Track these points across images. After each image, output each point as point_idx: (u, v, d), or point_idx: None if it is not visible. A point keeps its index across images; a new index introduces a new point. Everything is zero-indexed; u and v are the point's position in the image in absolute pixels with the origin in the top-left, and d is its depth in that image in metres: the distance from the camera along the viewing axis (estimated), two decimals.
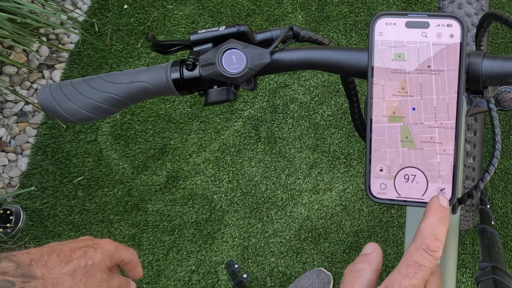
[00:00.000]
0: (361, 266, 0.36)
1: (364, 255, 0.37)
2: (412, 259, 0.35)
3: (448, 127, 0.41)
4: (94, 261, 0.51)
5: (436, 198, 0.38)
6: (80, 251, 0.50)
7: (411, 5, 1.73)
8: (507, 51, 1.65)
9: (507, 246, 1.48)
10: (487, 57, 0.44)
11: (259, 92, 1.70)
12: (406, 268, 0.34)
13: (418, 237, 0.35)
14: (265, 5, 1.80)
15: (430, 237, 0.35)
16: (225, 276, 1.55)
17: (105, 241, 0.54)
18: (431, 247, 0.35)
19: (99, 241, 0.53)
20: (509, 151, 1.56)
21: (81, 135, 1.71)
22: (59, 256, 0.48)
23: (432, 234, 0.35)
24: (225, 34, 0.50)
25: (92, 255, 0.51)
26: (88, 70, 1.78)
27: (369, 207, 1.56)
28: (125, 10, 1.84)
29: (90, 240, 0.53)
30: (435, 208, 0.37)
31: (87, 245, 0.52)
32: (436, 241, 0.35)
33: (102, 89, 0.51)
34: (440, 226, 0.36)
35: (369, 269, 0.36)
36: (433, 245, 0.35)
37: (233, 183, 1.63)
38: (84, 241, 0.53)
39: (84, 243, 0.52)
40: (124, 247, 0.56)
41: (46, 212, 1.65)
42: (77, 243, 0.52)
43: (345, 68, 0.48)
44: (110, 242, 0.54)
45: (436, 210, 0.37)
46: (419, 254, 0.35)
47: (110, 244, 0.54)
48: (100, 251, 0.52)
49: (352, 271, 0.36)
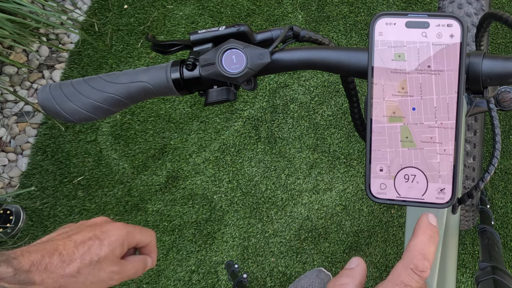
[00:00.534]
0: (344, 281, 0.36)
1: (347, 270, 0.37)
2: (399, 278, 0.34)
3: (448, 127, 0.41)
4: (99, 256, 0.48)
5: (425, 216, 0.37)
6: (84, 246, 0.47)
7: (411, 5, 1.73)
8: (507, 51, 1.65)
9: (507, 246, 1.48)
10: (487, 57, 0.44)
11: (259, 92, 1.70)
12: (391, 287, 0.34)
13: (407, 256, 0.35)
14: (265, 5, 1.80)
15: (419, 257, 0.35)
16: (225, 276, 1.55)
17: (115, 228, 0.50)
18: (419, 267, 0.34)
19: (108, 228, 0.50)
20: (509, 151, 1.56)
21: (81, 135, 1.71)
22: (61, 256, 0.46)
23: (421, 254, 0.35)
24: (225, 34, 0.50)
25: (97, 249, 0.48)
26: (88, 70, 1.78)
27: (369, 207, 1.56)
28: (125, 10, 1.84)
29: (98, 229, 0.49)
30: (425, 227, 0.36)
31: (94, 236, 0.48)
32: (424, 260, 0.34)
33: (102, 89, 0.51)
34: (430, 245, 0.35)
35: (352, 283, 0.35)
36: (421, 265, 0.34)
37: (233, 183, 1.63)
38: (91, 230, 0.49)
39: (91, 233, 0.49)
40: (140, 230, 0.53)
41: (46, 212, 1.65)
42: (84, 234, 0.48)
43: (345, 68, 0.48)
44: (120, 228, 0.50)
45: (425, 228, 0.36)
46: (407, 274, 0.34)
47: (121, 231, 0.50)
48: (107, 242, 0.48)
49: (335, 285, 0.36)
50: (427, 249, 0.35)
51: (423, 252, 0.35)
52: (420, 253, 0.35)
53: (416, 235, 0.36)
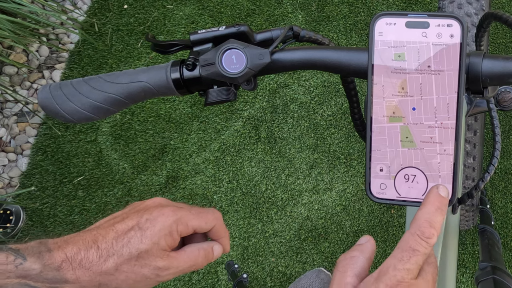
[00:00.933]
0: (355, 254, 0.38)
1: (358, 245, 0.39)
2: (407, 244, 0.36)
3: (448, 127, 0.41)
4: (139, 251, 0.41)
5: (435, 188, 0.39)
6: (124, 238, 0.41)
7: (411, 5, 1.73)
8: (507, 51, 1.65)
9: (507, 246, 1.48)
10: (487, 57, 0.44)
11: (259, 92, 1.70)
12: (400, 253, 0.35)
13: (414, 224, 0.36)
14: (265, 5, 1.80)
15: (425, 224, 0.36)
16: (225, 276, 1.55)
17: (162, 215, 0.42)
18: (425, 233, 0.35)
19: (155, 214, 0.42)
20: (509, 151, 1.56)
21: (81, 135, 1.71)
22: (98, 250, 0.40)
23: (427, 221, 0.36)
24: (225, 34, 0.50)
25: (137, 242, 0.41)
26: (88, 70, 1.77)
27: (369, 207, 1.56)
28: (125, 10, 1.84)
29: (145, 215, 0.42)
30: (433, 197, 0.38)
31: (136, 225, 0.41)
32: (430, 228, 0.36)
33: (102, 89, 0.51)
34: (436, 215, 0.37)
35: (362, 256, 0.38)
36: (427, 232, 0.36)
37: (233, 183, 1.63)
38: (137, 216, 0.42)
39: (134, 220, 0.42)
40: (197, 214, 0.44)
41: (46, 212, 1.65)
42: (127, 222, 0.42)
43: (345, 68, 0.48)
44: (168, 215, 0.42)
45: (434, 199, 0.38)
46: (414, 239, 0.35)
47: (168, 218, 0.42)
48: (149, 233, 0.41)
49: (345, 258, 0.38)
50: (433, 218, 0.36)
51: (429, 220, 0.36)
52: (426, 221, 0.36)
53: (424, 204, 0.38)
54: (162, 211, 0.43)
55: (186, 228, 0.43)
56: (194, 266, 0.44)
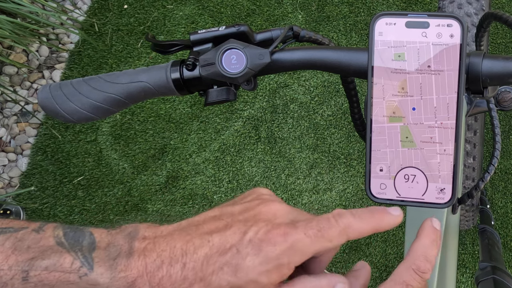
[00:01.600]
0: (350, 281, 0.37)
1: (353, 271, 0.38)
2: (401, 278, 0.35)
3: (448, 127, 0.41)
4: (231, 285, 0.30)
5: (429, 221, 0.38)
6: (217, 262, 0.31)
7: (411, 5, 1.73)
8: (507, 51, 1.65)
9: (507, 246, 1.48)
10: (487, 57, 0.44)
11: (259, 92, 1.70)
12: (393, 286, 0.35)
13: (410, 257, 0.36)
14: (265, 5, 1.80)
15: (421, 258, 0.36)
16: None
17: (269, 241, 0.31)
18: (421, 268, 0.35)
19: (259, 235, 0.31)
20: (509, 151, 1.56)
21: (81, 135, 1.71)
22: (184, 268, 0.31)
23: (424, 256, 0.36)
24: (225, 34, 0.50)
25: (231, 274, 0.30)
26: (88, 70, 1.77)
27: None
28: (125, 10, 1.84)
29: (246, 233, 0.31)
30: (428, 230, 0.37)
31: (235, 246, 0.31)
32: (427, 263, 0.35)
33: (102, 89, 0.51)
34: (432, 248, 0.36)
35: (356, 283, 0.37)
36: (423, 267, 0.35)
37: (233, 183, 1.63)
38: (238, 230, 0.32)
39: (235, 237, 0.31)
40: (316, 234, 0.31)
41: (46, 212, 1.65)
42: (227, 236, 0.32)
43: (345, 68, 0.48)
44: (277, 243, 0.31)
45: (429, 232, 0.37)
46: (409, 274, 0.35)
47: (276, 248, 0.30)
48: (251, 262, 0.30)
49: None
50: (430, 252, 0.36)
51: (426, 254, 0.36)
52: (422, 255, 0.36)
53: (419, 237, 0.37)
54: (270, 234, 0.31)
55: (302, 257, 0.32)
56: None
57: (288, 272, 0.31)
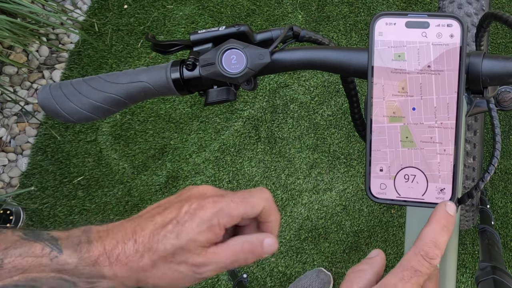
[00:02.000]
0: (363, 267, 0.37)
1: (368, 259, 0.38)
2: (409, 263, 0.35)
3: (448, 127, 0.41)
4: (175, 247, 0.38)
5: (443, 205, 0.38)
6: (161, 232, 0.38)
7: (411, 5, 1.73)
8: (507, 51, 1.65)
9: (507, 246, 1.48)
10: (487, 57, 0.44)
11: (259, 92, 1.70)
12: (402, 272, 0.35)
13: (418, 243, 0.36)
14: (265, 5, 1.80)
15: (430, 244, 0.35)
16: (225, 276, 1.55)
17: (201, 207, 0.39)
18: (429, 254, 0.35)
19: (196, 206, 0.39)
20: (509, 151, 1.56)
21: (81, 135, 1.71)
22: (136, 244, 0.38)
23: (433, 241, 0.35)
24: (225, 34, 0.50)
25: (173, 238, 0.38)
26: (88, 70, 1.77)
27: (369, 207, 1.56)
28: (125, 10, 1.84)
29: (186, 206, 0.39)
30: (440, 215, 0.37)
31: (174, 218, 0.39)
32: (435, 248, 0.35)
33: (102, 89, 0.51)
34: (442, 234, 0.36)
35: (370, 270, 0.37)
36: (431, 252, 0.35)
37: (233, 183, 1.63)
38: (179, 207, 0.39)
39: (174, 212, 0.39)
40: (241, 199, 0.40)
41: (46, 212, 1.65)
42: (166, 214, 0.39)
43: (345, 68, 0.48)
44: (207, 208, 0.39)
45: (440, 217, 0.37)
46: (417, 259, 0.35)
47: (206, 212, 0.38)
48: (186, 229, 0.38)
49: (354, 271, 0.37)
50: (439, 238, 0.36)
51: (435, 240, 0.36)
52: (431, 241, 0.36)
53: (430, 222, 0.37)
54: (202, 203, 0.39)
55: (230, 219, 0.39)
56: (237, 262, 0.39)
57: (220, 232, 0.39)
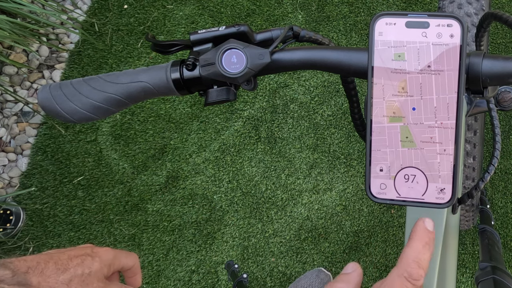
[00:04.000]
0: (340, 285, 0.36)
1: (343, 275, 0.37)
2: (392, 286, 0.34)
3: (448, 127, 0.41)
4: (91, 270, 0.50)
5: (421, 222, 0.37)
6: (78, 259, 0.50)
7: (411, 5, 1.73)
8: (507, 51, 1.65)
9: (507, 246, 1.48)
10: (487, 57, 0.44)
11: (259, 92, 1.70)
12: None
13: (401, 263, 0.35)
14: (265, 5, 1.80)
15: (413, 265, 0.35)
16: (225, 276, 1.55)
17: (104, 250, 0.53)
18: (413, 275, 0.34)
19: (98, 250, 0.53)
20: (509, 151, 1.56)
21: (81, 135, 1.71)
22: (56, 264, 0.48)
23: (416, 262, 0.35)
24: (225, 34, 0.50)
25: (89, 263, 0.50)
26: (88, 70, 1.77)
27: (369, 207, 1.56)
28: (125, 10, 1.84)
29: (89, 248, 0.53)
30: (420, 233, 0.36)
31: (86, 253, 0.51)
32: (419, 269, 0.34)
33: (102, 89, 0.51)
34: (424, 252, 0.35)
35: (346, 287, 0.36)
36: (415, 274, 0.34)
37: (233, 183, 1.63)
38: (83, 249, 0.52)
39: (82, 251, 0.52)
40: (126, 254, 0.55)
41: (46, 212, 1.65)
42: (76, 251, 0.52)
43: (345, 68, 0.48)
44: (109, 251, 0.53)
45: (421, 234, 0.36)
46: (401, 282, 0.34)
47: (109, 253, 0.53)
48: (98, 259, 0.51)
49: None
50: (421, 256, 0.35)
51: (417, 259, 0.35)
52: (414, 261, 0.35)
53: (411, 240, 0.36)
54: (103, 249, 0.53)
55: (119, 263, 0.53)
56: None
57: (112, 270, 0.52)
